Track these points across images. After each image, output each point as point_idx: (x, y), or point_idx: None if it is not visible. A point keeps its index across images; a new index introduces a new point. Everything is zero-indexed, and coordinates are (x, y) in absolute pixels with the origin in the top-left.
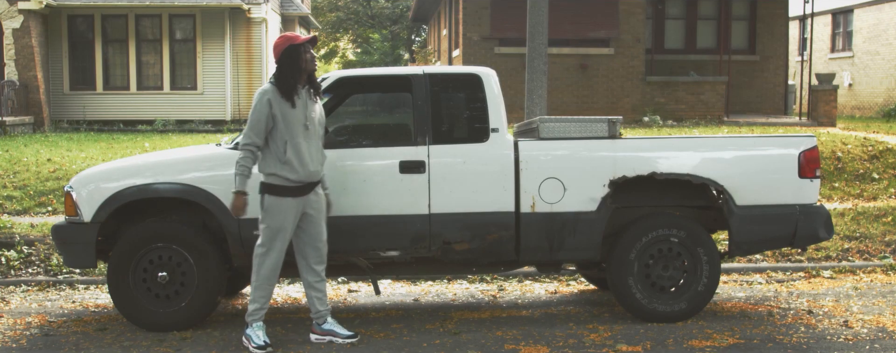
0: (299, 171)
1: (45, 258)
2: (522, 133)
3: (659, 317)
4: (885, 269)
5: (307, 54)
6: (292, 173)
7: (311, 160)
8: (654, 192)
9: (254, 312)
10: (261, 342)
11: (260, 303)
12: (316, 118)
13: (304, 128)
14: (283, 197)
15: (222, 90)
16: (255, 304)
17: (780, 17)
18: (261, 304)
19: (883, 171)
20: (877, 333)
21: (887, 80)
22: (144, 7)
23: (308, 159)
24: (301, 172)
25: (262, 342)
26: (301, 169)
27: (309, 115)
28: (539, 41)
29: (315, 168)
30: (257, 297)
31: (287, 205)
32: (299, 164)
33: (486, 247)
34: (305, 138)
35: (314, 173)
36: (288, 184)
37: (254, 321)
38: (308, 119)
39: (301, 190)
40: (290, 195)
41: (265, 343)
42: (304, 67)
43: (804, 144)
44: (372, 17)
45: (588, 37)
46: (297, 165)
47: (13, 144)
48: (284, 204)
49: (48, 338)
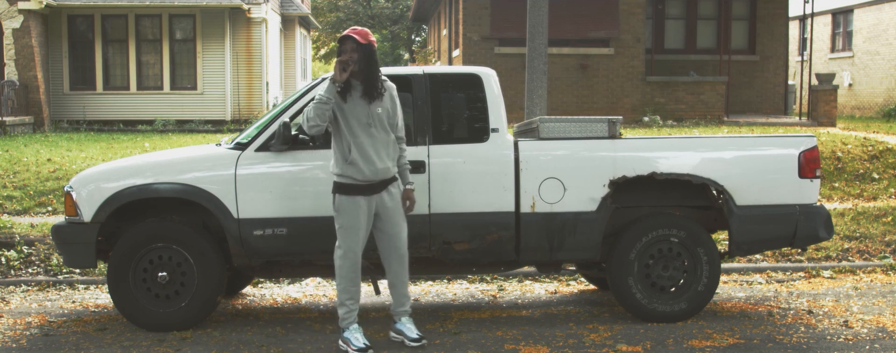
0: (365, 170)
1: (45, 258)
2: (522, 133)
3: (659, 317)
4: (885, 269)
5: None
6: (358, 173)
7: (378, 158)
8: (654, 192)
9: (344, 316)
10: (361, 345)
11: (348, 306)
12: (382, 116)
13: (367, 125)
14: (353, 196)
15: (222, 90)
16: (343, 308)
17: (780, 17)
18: (349, 307)
19: (883, 171)
20: (877, 333)
21: (887, 80)
22: (144, 7)
23: (374, 157)
24: (367, 170)
25: (362, 345)
26: (367, 168)
27: (372, 112)
28: (539, 41)
29: (383, 165)
30: (344, 300)
31: (357, 204)
32: (365, 163)
33: (486, 247)
34: (368, 136)
35: (382, 171)
36: (357, 183)
37: (348, 325)
38: (371, 117)
39: (371, 188)
40: (359, 194)
41: (365, 346)
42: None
43: (804, 144)
44: (372, 17)
45: (588, 37)
46: (363, 164)
47: (13, 144)
48: (355, 203)
49: (48, 338)
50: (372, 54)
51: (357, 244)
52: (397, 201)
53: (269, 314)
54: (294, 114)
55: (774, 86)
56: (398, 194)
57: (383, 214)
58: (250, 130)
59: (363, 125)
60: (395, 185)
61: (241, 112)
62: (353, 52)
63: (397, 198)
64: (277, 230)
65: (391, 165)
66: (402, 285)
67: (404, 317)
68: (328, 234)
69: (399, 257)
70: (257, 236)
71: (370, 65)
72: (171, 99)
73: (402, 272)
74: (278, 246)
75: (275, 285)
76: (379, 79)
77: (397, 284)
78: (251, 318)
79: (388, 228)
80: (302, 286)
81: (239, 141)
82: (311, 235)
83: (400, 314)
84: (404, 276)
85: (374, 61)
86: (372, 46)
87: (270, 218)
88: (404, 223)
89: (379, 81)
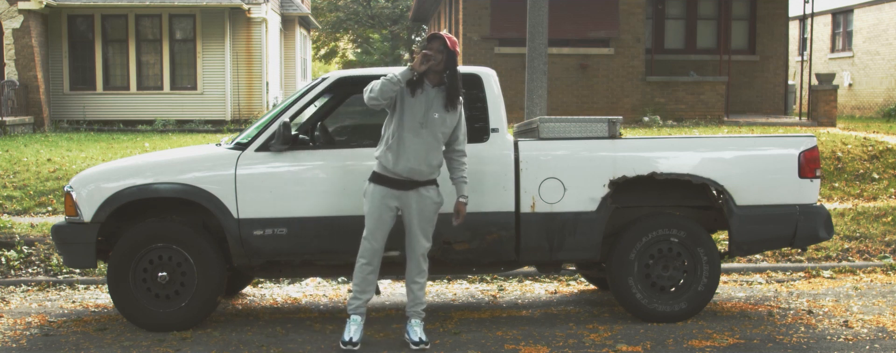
0: (395, 163)
1: (45, 258)
2: (522, 133)
3: (659, 317)
4: (885, 269)
5: (424, 51)
6: (388, 163)
7: (414, 157)
8: (654, 192)
9: (349, 303)
10: (345, 338)
11: (354, 294)
12: (436, 122)
13: (420, 126)
14: (376, 184)
15: (222, 90)
16: (350, 294)
17: (780, 17)
18: (355, 295)
19: (883, 171)
20: (877, 333)
21: (887, 80)
22: (144, 7)
23: (411, 155)
24: (398, 164)
25: (347, 338)
26: (398, 162)
27: (429, 116)
28: (539, 41)
29: (416, 166)
30: (353, 286)
31: (378, 193)
32: (397, 156)
33: (486, 247)
34: (415, 135)
35: (413, 171)
36: (384, 173)
37: (350, 312)
38: (426, 119)
39: (396, 184)
40: (382, 184)
41: (349, 340)
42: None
43: (804, 144)
44: (372, 17)
45: (588, 37)
46: (395, 157)
47: (13, 144)
48: (376, 192)
49: (48, 338)
50: (456, 63)
51: (373, 233)
52: (425, 207)
53: (269, 314)
54: (294, 114)
55: (774, 86)
56: (430, 200)
57: (407, 214)
58: (250, 130)
59: (415, 123)
60: (429, 189)
61: (241, 112)
62: (438, 53)
63: (426, 203)
64: (277, 230)
65: (426, 169)
66: (415, 286)
67: (414, 319)
68: (328, 234)
69: (414, 259)
70: (257, 236)
71: (455, 73)
72: (171, 99)
73: (416, 275)
74: (278, 246)
75: (275, 285)
76: (460, 90)
77: (410, 284)
78: (251, 318)
79: (409, 229)
80: (302, 286)
81: (239, 141)
82: (311, 235)
83: (410, 314)
84: (418, 278)
85: (457, 71)
86: (456, 56)
87: (270, 218)
88: (428, 230)
89: (459, 92)
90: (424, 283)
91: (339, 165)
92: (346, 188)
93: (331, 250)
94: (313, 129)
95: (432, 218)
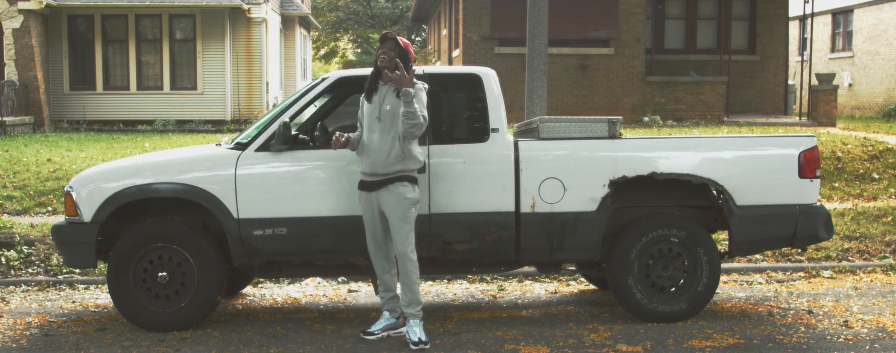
0: (363, 163)
1: (45, 258)
2: (522, 133)
3: (659, 317)
4: (885, 269)
5: (379, 53)
6: (361, 166)
7: (375, 152)
8: (654, 192)
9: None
10: (420, 338)
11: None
12: (389, 113)
13: (376, 120)
14: (360, 190)
15: (222, 90)
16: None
17: (780, 17)
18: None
19: (883, 171)
20: (877, 333)
21: (887, 80)
22: (144, 7)
23: (372, 151)
24: (365, 164)
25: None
26: (365, 162)
27: (382, 109)
28: (539, 41)
29: (377, 159)
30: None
31: (361, 197)
32: (365, 156)
33: (486, 247)
34: (377, 131)
35: (375, 165)
36: (361, 177)
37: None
38: (381, 112)
39: (369, 185)
40: (361, 188)
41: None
42: (376, 64)
43: (804, 144)
44: (372, 17)
45: (588, 37)
46: (363, 157)
47: (13, 144)
48: (360, 197)
49: (48, 338)
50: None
51: (368, 236)
52: (396, 203)
53: (269, 314)
54: (294, 114)
55: (774, 86)
56: (400, 196)
57: (385, 214)
58: (250, 130)
59: (372, 120)
60: (399, 185)
61: (241, 112)
62: (390, 50)
63: (396, 199)
64: (277, 230)
65: (387, 160)
66: (402, 285)
67: (411, 319)
68: (328, 234)
69: (398, 256)
70: (257, 236)
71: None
72: (171, 99)
73: (401, 273)
74: (278, 246)
75: (275, 285)
76: (373, 77)
77: (401, 282)
78: (251, 318)
79: (390, 227)
80: (302, 286)
81: (239, 141)
82: (312, 235)
83: (406, 315)
84: (403, 277)
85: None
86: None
87: (270, 218)
88: (404, 227)
89: (373, 80)
90: (410, 283)
91: (339, 165)
92: (346, 188)
93: (331, 250)
94: (313, 129)
95: (406, 215)
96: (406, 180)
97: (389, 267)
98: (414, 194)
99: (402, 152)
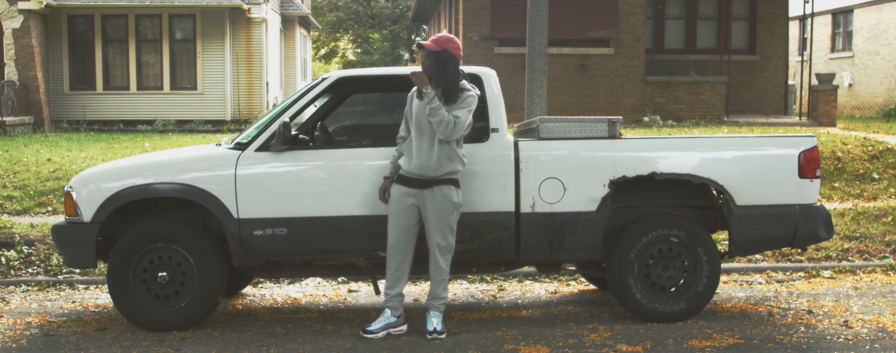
0: (409, 163)
1: (45, 258)
2: (522, 133)
3: (659, 317)
4: (885, 269)
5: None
6: (404, 164)
7: (422, 155)
8: (654, 192)
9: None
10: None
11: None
12: None
13: (419, 124)
14: (396, 183)
15: (222, 90)
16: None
17: (780, 17)
18: (389, 282)
19: (883, 171)
20: (877, 333)
21: (887, 80)
22: (144, 7)
23: (416, 154)
24: (411, 163)
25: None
26: (410, 161)
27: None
28: (539, 41)
29: (425, 162)
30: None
31: (396, 191)
32: (408, 156)
33: (486, 247)
34: (419, 134)
35: (423, 167)
36: (403, 173)
37: (382, 306)
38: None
39: (412, 182)
40: (401, 183)
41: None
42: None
43: (804, 144)
44: (372, 17)
45: (588, 37)
46: (408, 157)
47: (13, 144)
48: (395, 190)
49: (48, 338)
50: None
51: (393, 230)
52: (440, 205)
53: (269, 314)
54: (294, 114)
55: (774, 86)
56: (446, 200)
57: (424, 213)
58: (250, 130)
59: (419, 124)
60: (444, 188)
61: (241, 112)
62: (426, 58)
63: (441, 202)
64: (277, 230)
65: (434, 164)
66: (432, 281)
67: (431, 310)
68: (328, 234)
69: (432, 255)
70: (257, 236)
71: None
72: (171, 99)
73: (433, 271)
74: (278, 246)
75: (275, 285)
76: (456, 85)
77: (433, 277)
78: (251, 318)
79: (426, 226)
80: (302, 286)
81: (239, 141)
82: (312, 235)
83: (428, 305)
84: (435, 275)
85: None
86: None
87: (270, 218)
88: (444, 228)
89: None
90: (441, 279)
91: (340, 165)
92: (346, 188)
93: (331, 250)
94: (313, 129)
95: (448, 218)
96: (451, 184)
97: (404, 264)
98: (458, 198)
99: (447, 154)
